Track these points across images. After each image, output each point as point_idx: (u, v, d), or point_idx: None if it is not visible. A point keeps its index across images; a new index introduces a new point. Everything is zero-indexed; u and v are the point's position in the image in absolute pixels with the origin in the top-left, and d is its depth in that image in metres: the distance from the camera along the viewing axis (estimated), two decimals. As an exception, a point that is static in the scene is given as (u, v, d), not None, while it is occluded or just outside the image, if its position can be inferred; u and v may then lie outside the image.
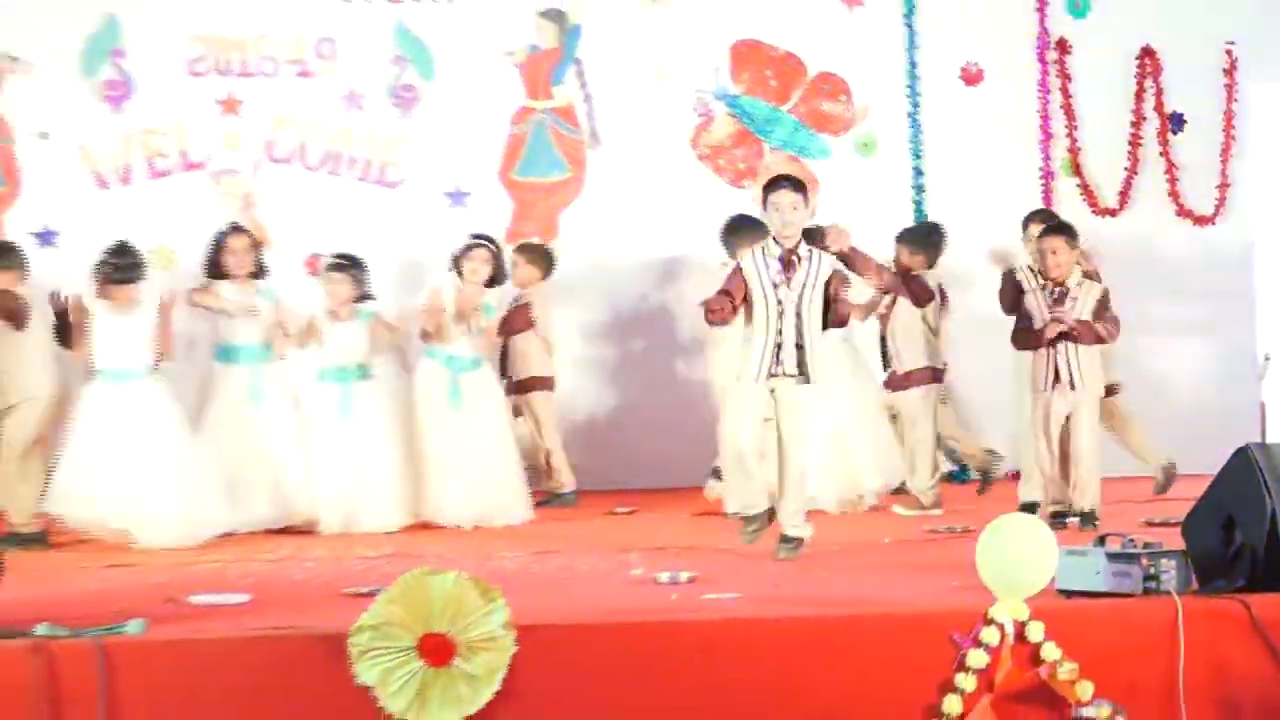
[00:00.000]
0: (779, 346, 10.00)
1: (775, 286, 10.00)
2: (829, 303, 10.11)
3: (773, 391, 10.07)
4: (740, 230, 12.34)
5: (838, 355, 12.15)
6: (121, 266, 12.07)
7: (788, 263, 10.03)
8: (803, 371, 10.04)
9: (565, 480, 13.92)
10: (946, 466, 13.61)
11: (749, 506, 10.13)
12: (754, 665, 7.41)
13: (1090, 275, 12.10)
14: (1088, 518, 10.98)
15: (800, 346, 10.02)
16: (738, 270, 10.19)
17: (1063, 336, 11.12)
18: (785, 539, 10.10)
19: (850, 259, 10.92)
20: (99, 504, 11.62)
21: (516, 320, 13.73)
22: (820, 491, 12.18)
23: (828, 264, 10.22)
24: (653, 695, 7.31)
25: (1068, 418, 11.24)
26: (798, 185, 10.32)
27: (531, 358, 13.83)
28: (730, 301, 10.06)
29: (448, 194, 15.14)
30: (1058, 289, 11.14)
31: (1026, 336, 11.48)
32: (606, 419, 14.75)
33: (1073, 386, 11.12)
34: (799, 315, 10.00)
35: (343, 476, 12.34)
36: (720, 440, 10.81)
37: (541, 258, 13.78)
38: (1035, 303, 11.26)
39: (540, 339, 13.88)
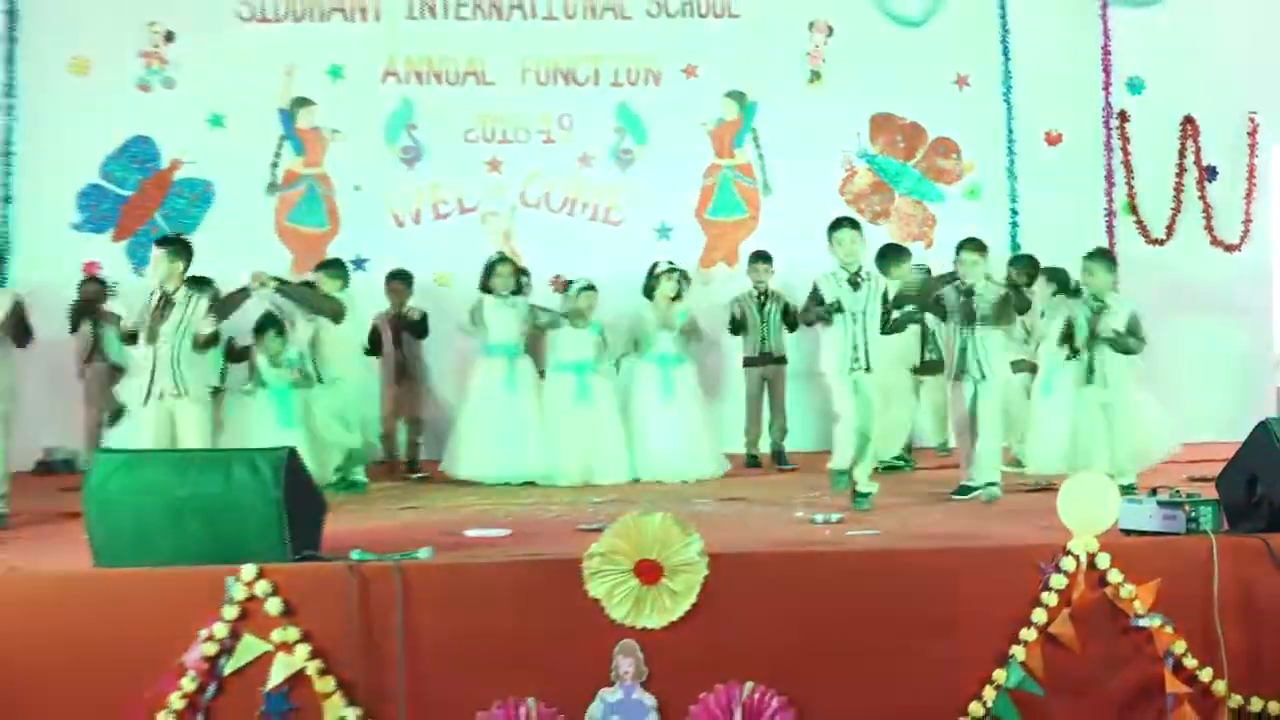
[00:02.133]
0: (855, 347, 10.14)
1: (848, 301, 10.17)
2: (886, 312, 10.35)
3: (855, 382, 10.17)
4: (888, 255, 12.52)
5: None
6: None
7: (854, 283, 10.19)
8: (869, 363, 10.17)
9: None
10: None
11: (843, 462, 10.17)
12: (888, 585, 7.40)
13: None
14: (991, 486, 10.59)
15: (867, 344, 10.16)
16: (817, 289, 10.33)
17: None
18: (863, 494, 10.11)
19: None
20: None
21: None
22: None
23: (882, 282, 10.47)
24: (809, 609, 7.32)
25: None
26: (855, 225, 10.53)
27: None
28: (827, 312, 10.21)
29: (656, 230, 15.13)
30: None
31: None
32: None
33: (982, 375, 10.77)
34: (865, 322, 10.16)
35: (578, 443, 12.36)
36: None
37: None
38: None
39: None
